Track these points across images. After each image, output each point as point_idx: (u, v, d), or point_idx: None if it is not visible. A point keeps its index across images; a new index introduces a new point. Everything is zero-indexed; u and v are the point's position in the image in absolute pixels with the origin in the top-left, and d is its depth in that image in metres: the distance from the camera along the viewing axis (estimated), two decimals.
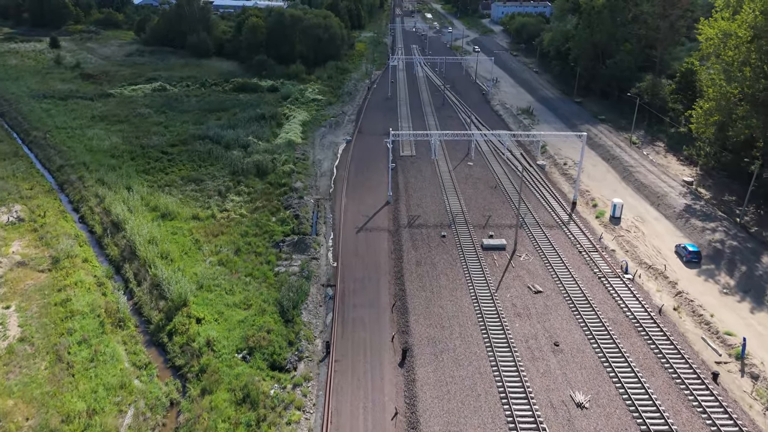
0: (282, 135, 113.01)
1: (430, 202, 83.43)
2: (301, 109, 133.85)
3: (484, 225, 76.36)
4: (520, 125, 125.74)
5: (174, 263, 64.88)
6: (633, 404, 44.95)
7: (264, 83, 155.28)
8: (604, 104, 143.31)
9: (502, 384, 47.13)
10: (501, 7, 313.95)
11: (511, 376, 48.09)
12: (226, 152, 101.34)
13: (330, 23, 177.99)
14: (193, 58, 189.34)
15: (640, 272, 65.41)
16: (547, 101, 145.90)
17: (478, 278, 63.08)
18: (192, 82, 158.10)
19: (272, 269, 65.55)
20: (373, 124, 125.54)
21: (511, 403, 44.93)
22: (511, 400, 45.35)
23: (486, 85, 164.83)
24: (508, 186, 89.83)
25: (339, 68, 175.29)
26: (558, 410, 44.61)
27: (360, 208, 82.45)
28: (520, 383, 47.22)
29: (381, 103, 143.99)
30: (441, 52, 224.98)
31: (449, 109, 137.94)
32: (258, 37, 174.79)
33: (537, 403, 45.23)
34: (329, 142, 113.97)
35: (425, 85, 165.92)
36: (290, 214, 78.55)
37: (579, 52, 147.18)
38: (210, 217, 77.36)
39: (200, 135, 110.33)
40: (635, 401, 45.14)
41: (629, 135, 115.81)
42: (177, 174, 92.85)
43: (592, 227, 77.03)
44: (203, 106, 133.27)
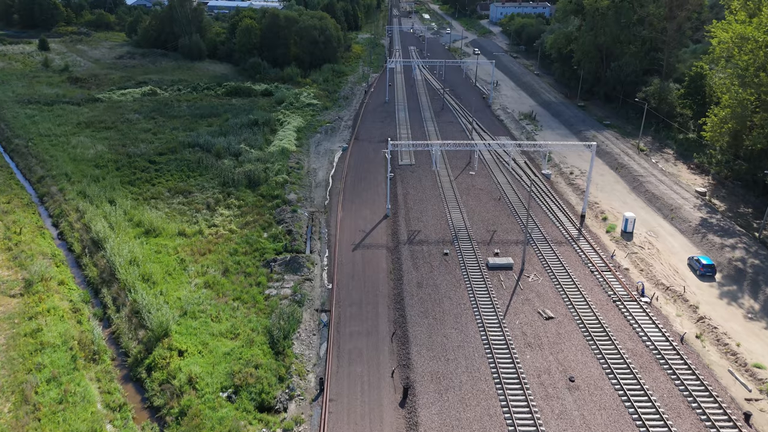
0: (275, 142, 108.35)
1: (431, 216, 78.93)
2: (296, 114, 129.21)
3: (488, 241, 71.87)
4: (522, 131, 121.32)
5: (156, 286, 60.25)
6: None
7: (258, 87, 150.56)
8: (609, 108, 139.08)
9: (513, 428, 42.58)
10: (499, 8, 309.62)
11: (524, 419, 43.56)
12: (217, 161, 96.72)
13: (326, 25, 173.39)
14: (185, 60, 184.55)
15: (658, 294, 60.96)
16: (550, 105, 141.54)
17: (484, 302, 58.57)
18: (183, 85, 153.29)
19: (262, 292, 60.97)
20: (371, 130, 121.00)
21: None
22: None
23: (486, 89, 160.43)
24: (513, 197, 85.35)
25: (335, 71, 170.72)
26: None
27: (357, 222, 77.90)
28: (534, 428, 42.68)
29: (378, 107, 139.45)
30: (439, 54, 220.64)
31: (449, 114, 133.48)
32: (252, 40, 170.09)
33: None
34: (325, 149, 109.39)
35: (424, 88, 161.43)
36: (283, 230, 73.94)
37: (582, 54, 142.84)
38: (197, 234, 72.68)
39: (190, 142, 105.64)
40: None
41: (637, 142, 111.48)
42: (164, 185, 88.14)
43: (603, 243, 72.58)
44: (194, 112, 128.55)
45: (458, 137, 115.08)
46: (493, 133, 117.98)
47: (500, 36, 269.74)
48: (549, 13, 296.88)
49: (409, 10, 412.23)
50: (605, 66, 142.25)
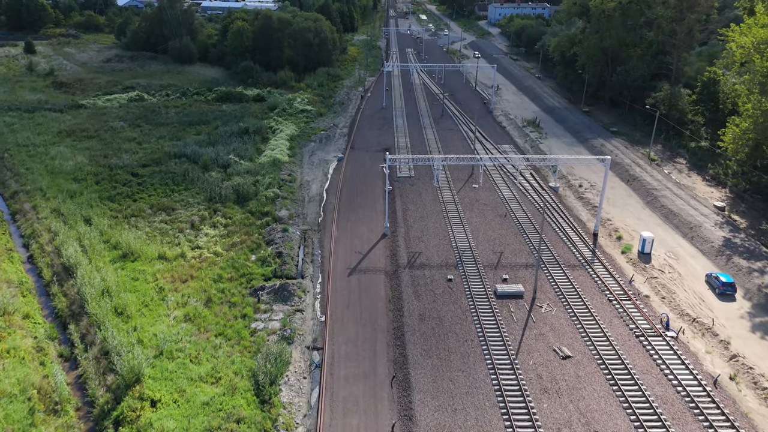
0: (267, 152, 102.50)
1: (433, 235, 73.26)
2: (289, 121, 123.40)
3: (495, 264, 66.23)
4: (526, 139, 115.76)
5: (131, 320, 54.46)
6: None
7: (249, 92, 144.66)
8: (614, 114, 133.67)
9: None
10: (498, 9, 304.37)
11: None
12: (204, 174, 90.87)
13: (320, 27, 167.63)
14: (175, 64, 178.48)
15: (684, 327, 55.39)
16: (554, 111, 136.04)
17: (493, 338, 52.92)
18: (172, 90, 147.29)
19: (248, 326, 55.22)
20: (367, 138, 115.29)
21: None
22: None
23: (487, 93, 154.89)
24: (519, 213, 79.76)
25: (330, 75, 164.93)
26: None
27: (353, 243, 72.19)
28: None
29: (375, 113, 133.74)
30: (437, 56, 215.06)
31: (449, 121, 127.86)
32: (244, 42, 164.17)
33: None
34: (319, 159, 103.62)
35: (422, 93, 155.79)
36: (272, 252, 68.14)
37: (586, 58, 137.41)
38: (179, 257, 66.83)
39: (176, 153, 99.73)
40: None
41: (647, 150, 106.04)
42: (146, 201, 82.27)
43: (619, 266, 67.00)
44: (182, 119, 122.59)
45: (459, 146, 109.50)
46: (496, 142, 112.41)
47: (499, 37, 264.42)
48: (548, 14, 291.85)
49: (405, 10, 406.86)
50: (611, 70, 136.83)
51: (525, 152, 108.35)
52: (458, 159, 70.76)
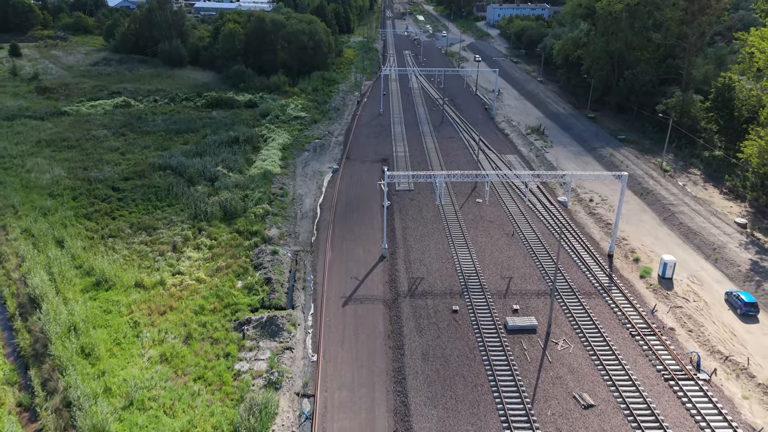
0: (257, 163, 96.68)
1: (435, 257, 67.60)
2: (282, 129, 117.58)
3: (504, 292, 60.61)
4: (531, 148, 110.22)
5: (99, 363, 48.67)
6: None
7: (241, 97, 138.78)
8: (621, 120, 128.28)
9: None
10: (497, 10, 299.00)
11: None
12: (189, 189, 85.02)
13: (315, 29, 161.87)
14: (165, 67, 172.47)
15: (716, 367, 49.86)
16: (558, 117, 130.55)
17: (505, 382, 47.28)
18: (161, 96, 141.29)
19: (231, 367, 49.47)
20: (364, 147, 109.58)
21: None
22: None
23: (488, 98, 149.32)
24: (528, 231, 74.18)
25: (325, 79, 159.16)
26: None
27: (348, 266, 66.49)
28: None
29: (372, 120, 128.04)
30: (435, 59, 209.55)
31: (449, 128, 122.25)
32: (236, 45, 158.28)
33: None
34: (313, 171, 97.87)
35: (421, 98, 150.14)
36: (260, 278, 62.38)
37: (592, 62, 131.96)
38: (158, 285, 60.98)
39: (161, 164, 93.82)
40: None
41: (659, 160, 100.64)
42: (126, 219, 76.40)
43: (638, 293, 61.43)
44: (170, 127, 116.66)
45: (461, 156, 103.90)
46: (499, 151, 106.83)
47: (498, 39, 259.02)
48: (548, 14, 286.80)
49: (402, 11, 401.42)
50: (617, 74, 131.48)
51: (530, 162, 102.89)
52: (462, 176, 65.12)
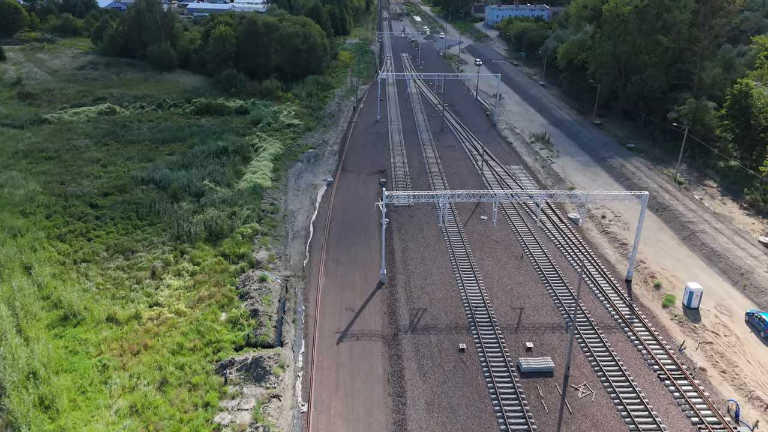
0: (247, 176, 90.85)
1: (439, 284, 61.93)
2: (274, 137, 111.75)
3: (515, 326, 54.97)
4: (536, 158, 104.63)
5: (60, 416, 42.84)
6: None
7: (231, 104, 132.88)
8: (629, 127, 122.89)
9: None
10: (496, 11, 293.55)
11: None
12: (173, 205, 79.15)
13: (309, 32, 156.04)
14: (154, 71, 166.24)
15: (758, 419, 44.30)
16: (563, 124, 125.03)
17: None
18: (148, 102, 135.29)
19: (211, 419, 43.68)
20: (360, 157, 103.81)
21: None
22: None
23: (489, 103, 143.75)
24: (537, 253, 68.59)
25: (320, 84, 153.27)
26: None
27: (343, 294, 60.78)
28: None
29: (369, 128, 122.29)
30: (433, 61, 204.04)
31: (449, 136, 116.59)
32: (227, 49, 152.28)
33: None
34: (306, 184, 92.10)
35: (419, 103, 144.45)
36: (246, 310, 56.60)
37: (598, 66, 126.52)
38: (133, 319, 55.16)
39: (144, 178, 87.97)
40: None
41: (672, 171, 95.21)
42: (103, 240, 70.51)
43: (663, 326, 55.84)
44: (155, 135, 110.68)
45: (463, 167, 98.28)
46: (503, 162, 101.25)
47: (498, 41, 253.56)
48: (547, 15, 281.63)
49: (399, 12, 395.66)
50: (624, 79, 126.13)
51: (536, 173, 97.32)
52: (468, 195, 59.45)
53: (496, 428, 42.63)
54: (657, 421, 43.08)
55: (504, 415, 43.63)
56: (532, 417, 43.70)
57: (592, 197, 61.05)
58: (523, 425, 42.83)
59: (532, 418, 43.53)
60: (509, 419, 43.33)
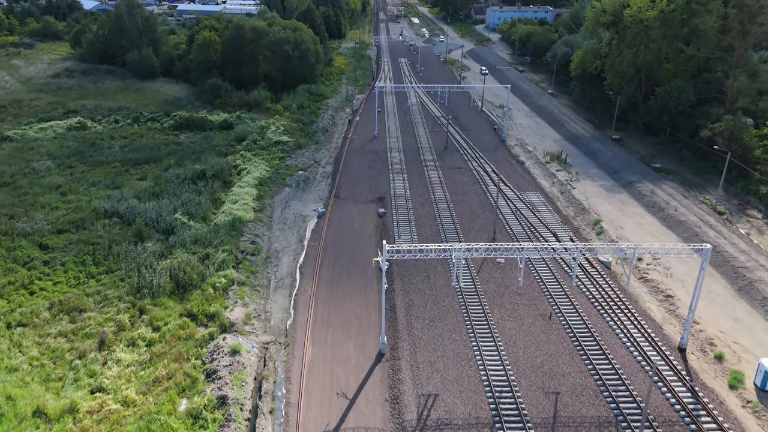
0: (226, 207, 79.32)
1: (452, 357, 50.54)
2: (260, 157, 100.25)
3: (552, 421, 43.57)
4: (554, 181, 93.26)
5: None
6: None
7: (215, 117, 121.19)
8: (651, 143, 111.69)
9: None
10: (497, 13, 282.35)
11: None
12: (137, 246, 67.57)
13: (301, 37, 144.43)
14: (134, 79, 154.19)
15: None
16: (579, 140, 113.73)
17: None
18: (123, 115, 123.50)
19: None
20: (356, 181, 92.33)
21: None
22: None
23: (496, 116, 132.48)
24: (568, 310, 57.25)
25: (312, 93, 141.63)
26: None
27: (334, 372, 49.37)
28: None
29: (366, 145, 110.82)
30: (434, 67, 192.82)
31: (455, 155, 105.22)
32: (211, 56, 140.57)
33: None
34: (294, 214, 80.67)
35: (420, 115, 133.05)
36: (212, 397, 45.05)
37: (616, 75, 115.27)
38: (66, 414, 43.58)
39: (108, 210, 76.37)
40: None
41: (709, 198, 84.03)
42: (48, 294, 58.91)
43: (734, 417, 44.49)
44: (127, 156, 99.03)
45: (471, 193, 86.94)
46: (517, 186, 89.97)
47: (500, 44, 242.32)
48: (550, 17, 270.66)
49: (396, 13, 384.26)
50: (645, 90, 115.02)
51: (554, 201, 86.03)
52: (487, 250, 48.08)
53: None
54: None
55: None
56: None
57: (642, 252, 49.65)
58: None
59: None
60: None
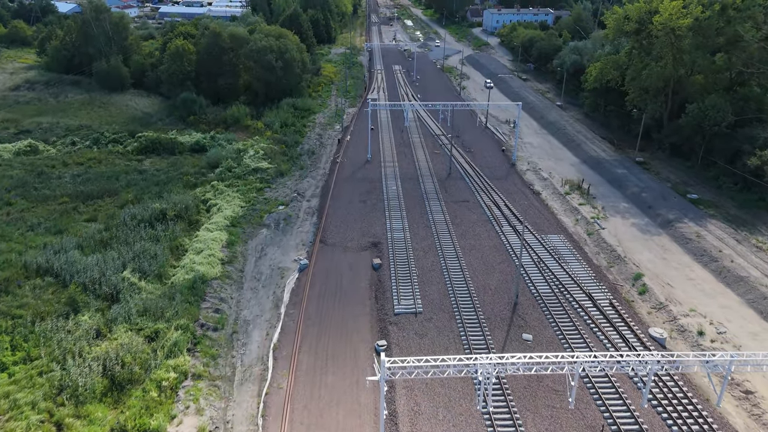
0: (187, 260, 65.18)
1: None
2: (234, 188, 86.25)
3: None
4: (577, 218, 79.65)
5: None
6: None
7: (186, 138, 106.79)
8: (680, 167, 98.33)
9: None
10: (495, 15, 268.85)
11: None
12: (68, 321, 53.37)
13: (286, 46, 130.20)
14: (101, 92, 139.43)
15: None
16: (599, 164, 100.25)
17: None
18: (83, 136, 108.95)
19: None
20: (346, 221, 78.40)
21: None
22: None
23: (501, 132, 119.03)
24: (624, 418, 43.63)
25: (297, 108, 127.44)
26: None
27: None
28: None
29: (357, 171, 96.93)
30: (431, 76, 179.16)
31: (460, 184, 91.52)
32: (185, 67, 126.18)
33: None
34: (271, 267, 66.74)
35: (418, 133, 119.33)
36: None
37: (640, 91, 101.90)
38: None
39: (41, 266, 62.09)
40: None
41: (763, 241, 70.75)
42: None
43: None
44: (79, 188, 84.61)
45: (482, 235, 73.26)
46: (536, 226, 76.35)
47: (499, 49, 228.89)
48: (551, 20, 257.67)
49: (389, 16, 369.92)
50: (672, 106, 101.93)
51: (581, 245, 72.52)
52: (527, 365, 34.41)
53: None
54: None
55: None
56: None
57: (742, 364, 35.86)
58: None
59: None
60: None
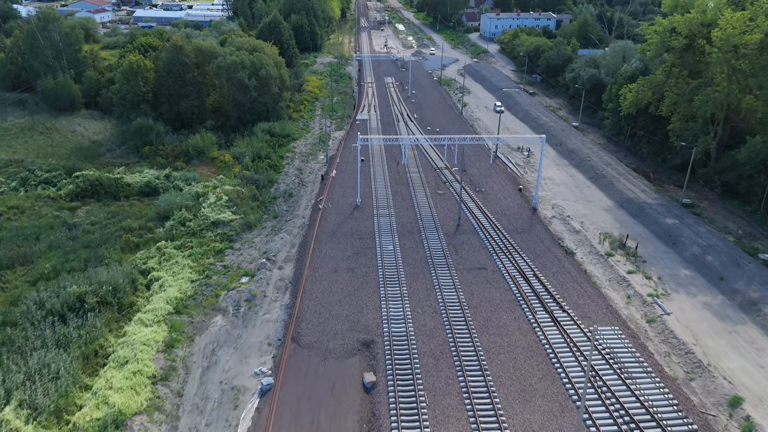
0: (102, 384, 46.22)
1: None
2: (186, 251, 67.45)
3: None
4: (629, 296, 61.30)
5: None
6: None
7: (135, 179, 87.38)
8: (736, 211, 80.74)
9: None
10: (493, 20, 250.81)
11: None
12: None
13: (261, 60, 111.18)
14: (48, 113, 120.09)
15: None
16: (640, 209, 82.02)
17: None
18: (9, 175, 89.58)
19: None
20: (329, 303, 59.50)
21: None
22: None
23: (514, 163, 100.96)
24: None
25: (274, 135, 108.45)
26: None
27: None
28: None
29: (344, 222, 78.17)
30: (427, 90, 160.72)
31: (473, 241, 73.06)
32: (140, 87, 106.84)
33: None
34: (222, 385, 47.91)
35: (417, 167, 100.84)
36: None
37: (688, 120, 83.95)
38: None
39: None
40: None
41: None
42: None
43: None
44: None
45: (510, 324, 54.78)
46: (577, 309, 57.94)
47: (500, 57, 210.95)
48: (554, 25, 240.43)
49: (380, 20, 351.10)
50: (723, 136, 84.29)
51: (641, 339, 54.27)
52: None
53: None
54: None
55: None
56: None
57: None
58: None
59: None
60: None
